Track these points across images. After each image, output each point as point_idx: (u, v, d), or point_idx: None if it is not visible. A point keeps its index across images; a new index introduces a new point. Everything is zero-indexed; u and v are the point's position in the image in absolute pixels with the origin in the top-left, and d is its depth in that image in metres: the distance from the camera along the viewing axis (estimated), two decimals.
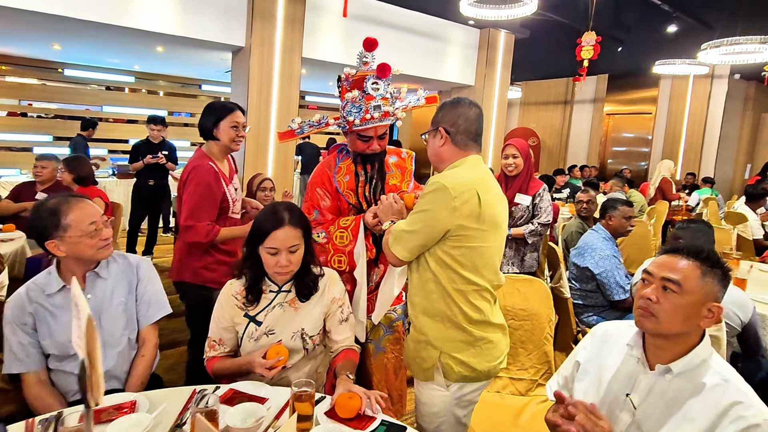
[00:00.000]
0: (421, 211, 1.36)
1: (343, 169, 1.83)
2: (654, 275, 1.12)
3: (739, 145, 9.08)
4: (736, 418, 0.99)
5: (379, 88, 1.71)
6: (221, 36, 4.54)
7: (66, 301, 1.45)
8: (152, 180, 4.45)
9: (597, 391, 1.20)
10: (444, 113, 1.46)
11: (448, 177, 1.36)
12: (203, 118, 2.00)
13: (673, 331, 1.09)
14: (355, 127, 1.71)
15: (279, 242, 1.39)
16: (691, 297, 1.07)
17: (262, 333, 1.47)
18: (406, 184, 1.89)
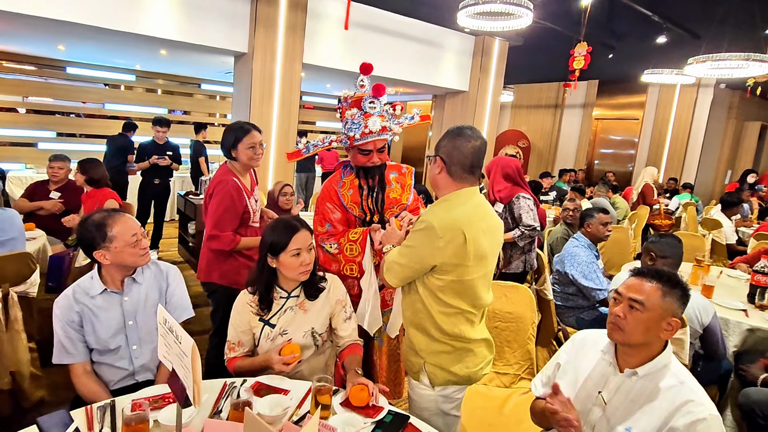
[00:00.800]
0: (410, 246, 1.49)
1: (347, 183, 2.02)
2: (623, 295, 1.34)
3: (721, 152, 9.41)
4: (686, 413, 1.20)
5: (375, 106, 1.90)
6: (224, 42, 4.67)
7: (106, 303, 1.65)
8: (157, 179, 4.62)
9: (573, 388, 1.43)
10: (445, 142, 1.54)
11: (437, 216, 1.46)
12: (224, 139, 2.22)
13: (637, 342, 1.31)
14: (356, 142, 1.90)
15: (301, 242, 1.61)
16: (651, 314, 1.28)
17: (277, 334, 1.67)
18: (406, 197, 2.07)
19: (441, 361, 1.54)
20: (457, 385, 1.58)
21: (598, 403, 1.37)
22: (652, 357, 1.31)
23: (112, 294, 1.66)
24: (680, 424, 1.20)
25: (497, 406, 2.07)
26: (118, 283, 1.68)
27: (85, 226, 1.61)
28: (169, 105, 7.97)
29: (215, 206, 2.13)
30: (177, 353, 1.14)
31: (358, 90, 1.95)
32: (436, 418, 1.60)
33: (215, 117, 8.53)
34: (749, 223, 5.93)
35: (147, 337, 1.70)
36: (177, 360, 1.15)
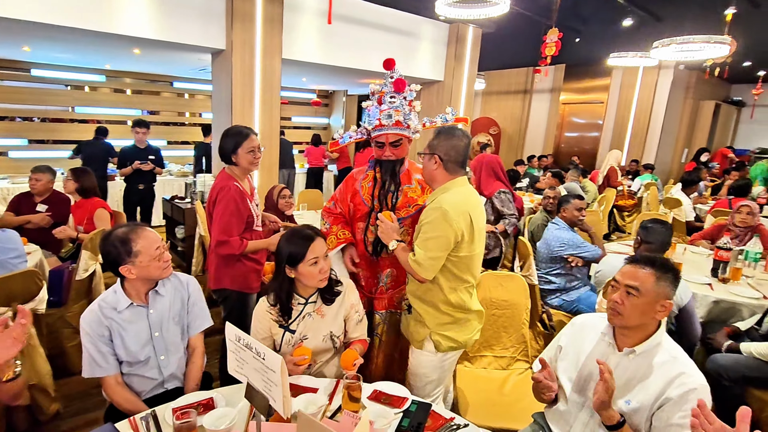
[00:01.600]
0: (433, 237, 1.71)
1: (369, 175, 2.15)
2: (620, 282, 1.51)
3: (679, 131, 9.92)
4: (680, 384, 1.37)
5: (395, 100, 1.98)
6: (201, 39, 4.59)
7: (133, 316, 1.72)
8: (142, 184, 4.57)
9: (575, 367, 1.60)
10: (440, 141, 1.79)
11: (446, 202, 1.71)
12: (223, 144, 2.24)
13: (634, 324, 1.48)
14: (372, 133, 2.02)
15: (318, 251, 1.69)
16: (646, 298, 1.45)
17: (297, 339, 1.77)
18: (423, 199, 2.07)
19: (445, 330, 1.84)
20: (457, 350, 1.88)
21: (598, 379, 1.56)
22: (648, 336, 1.48)
23: (138, 307, 1.73)
24: (674, 394, 1.37)
25: (497, 387, 2.26)
26: (143, 296, 1.75)
27: (108, 242, 1.65)
28: (139, 105, 7.75)
29: (221, 212, 2.17)
30: (257, 368, 1.21)
31: (386, 87, 2.03)
32: (430, 386, 1.91)
33: (184, 116, 8.31)
34: (704, 200, 6.37)
35: (172, 347, 1.79)
36: (256, 374, 1.22)
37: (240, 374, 1.30)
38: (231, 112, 4.82)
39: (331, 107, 10.60)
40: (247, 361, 1.25)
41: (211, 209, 2.24)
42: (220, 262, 2.26)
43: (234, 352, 1.29)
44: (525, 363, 2.40)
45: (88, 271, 2.73)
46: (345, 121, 10.32)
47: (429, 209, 1.76)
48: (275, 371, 1.16)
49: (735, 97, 11.55)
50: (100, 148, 5.20)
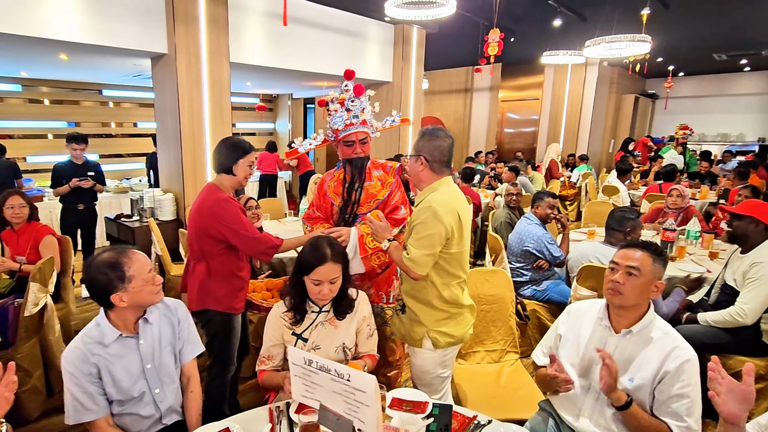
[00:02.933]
0: (426, 235, 1.77)
1: (335, 176, 2.32)
2: (620, 264, 1.61)
3: (606, 123, 10.72)
4: (675, 357, 1.48)
5: (356, 104, 2.18)
6: (139, 42, 4.28)
7: (122, 349, 1.57)
8: (81, 204, 4.17)
9: (577, 353, 1.67)
10: (424, 143, 1.86)
11: (435, 201, 1.78)
12: (224, 154, 2.11)
13: (632, 303, 1.57)
14: (340, 134, 2.17)
15: (322, 275, 1.64)
16: (645, 278, 1.55)
17: (310, 348, 1.73)
18: (383, 193, 2.25)
19: (441, 326, 1.88)
20: (455, 345, 1.93)
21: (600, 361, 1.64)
22: (642, 315, 1.59)
23: (127, 339, 1.58)
24: (671, 367, 1.48)
25: (493, 379, 2.31)
26: (131, 326, 1.60)
27: (96, 269, 1.49)
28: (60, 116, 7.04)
29: (232, 218, 2.04)
30: (337, 390, 1.15)
31: (344, 93, 2.19)
32: (435, 382, 1.94)
33: (110, 127, 7.66)
34: (635, 186, 6.95)
35: (167, 379, 1.66)
36: (335, 398, 1.16)
37: (310, 399, 1.24)
38: (179, 120, 4.55)
39: (275, 112, 10.33)
40: (322, 385, 1.19)
41: (206, 224, 2.06)
42: (205, 280, 2.12)
43: (301, 376, 1.22)
44: (515, 354, 2.47)
45: (38, 306, 2.44)
46: (291, 126, 10.10)
47: (420, 209, 1.81)
48: (366, 391, 1.11)
49: (649, 90, 12.69)
50: (3, 166, 4.68)
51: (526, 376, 2.30)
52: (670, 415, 1.47)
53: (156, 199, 4.64)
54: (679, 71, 11.60)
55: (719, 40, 8.18)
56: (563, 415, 1.71)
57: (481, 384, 2.26)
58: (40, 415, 2.54)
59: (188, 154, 4.63)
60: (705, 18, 6.79)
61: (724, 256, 3.34)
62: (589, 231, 3.92)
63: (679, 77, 12.19)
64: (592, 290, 2.63)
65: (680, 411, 1.45)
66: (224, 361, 2.21)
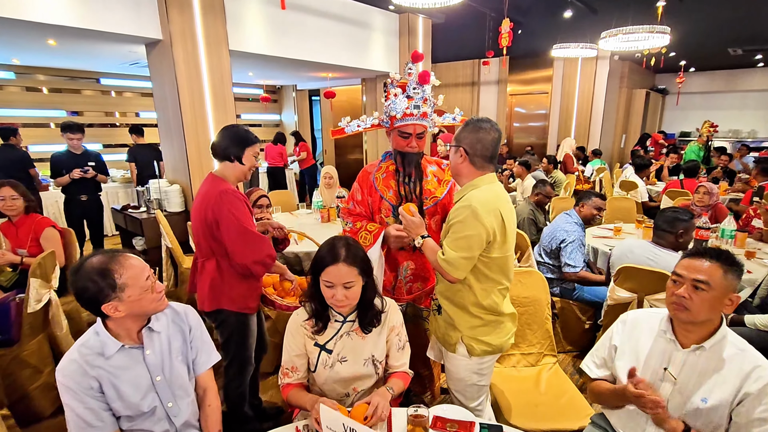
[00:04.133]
0: (464, 236, 1.58)
1: (383, 168, 2.07)
2: (685, 277, 1.41)
3: (617, 119, 10.53)
4: (757, 378, 1.31)
5: (419, 92, 1.94)
6: (131, 28, 4.04)
7: (126, 361, 1.39)
8: (84, 195, 3.99)
9: (636, 368, 1.49)
10: (466, 134, 1.68)
11: (475, 199, 1.59)
12: (229, 141, 1.93)
13: (702, 319, 1.39)
14: (396, 123, 1.92)
15: (333, 277, 1.46)
16: (716, 292, 1.36)
17: (335, 360, 1.54)
18: (440, 191, 2.06)
19: (476, 333, 1.71)
20: (492, 354, 1.75)
21: (666, 378, 1.45)
22: (714, 330, 1.41)
23: (132, 350, 1.40)
24: (753, 389, 1.31)
25: (532, 385, 2.15)
26: (135, 335, 1.41)
27: (82, 276, 1.29)
28: (60, 105, 6.83)
29: (236, 224, 1.84)
30: None
31: (406, 76, 1.96)
32: (469, 390, 1.78)
33: (113, 116, 7.46)
34: (652, 182, 6.77)
35: (180, 391, 1.47)
36: None
37: None
38: (180, 110, 4.33)
39: (280, 103, 10.10)
40: None
41: (209, 217, 1.87)
42: (215, 280, 1.93)
43: None
44: (552, 357, 2.31)
45: (42, 302, 2.27)
46: (297, 117, 9.88)
47: (458, 207, 1.62)
48: None
49: (659, 86, 12.48)
50: (14, 155, 4.47)
51: (567, 383, 2.13)
52: None
53: (162, 190, 4.45)
54: (690, 66, 11.39)
55: (735, 34, 7.97)
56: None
57: (520, 390, 2.09)
58: (54, 411, 2.41)
59: (192, 144, 4.43)
60: (721, 10, 6.57)
61: (761, 256, 3.17)
62: (615, 227, 3.74)
63: (690, 72, 11.99)
64: (631, 292, 2.46)
65: None
66: (242, 362, 2.06)
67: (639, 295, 2.44)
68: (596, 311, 3.02)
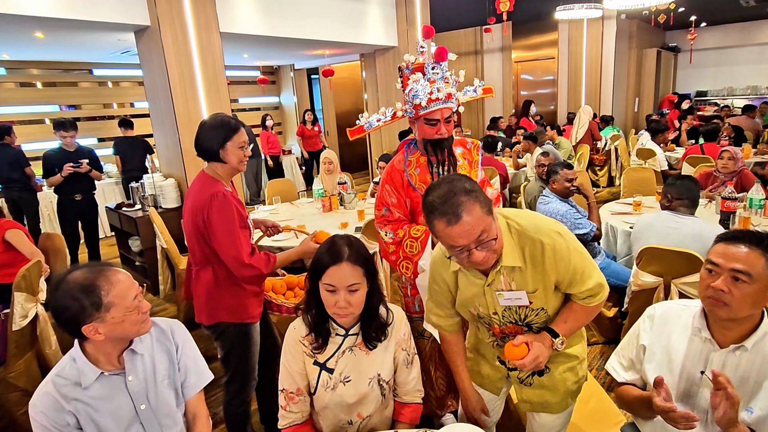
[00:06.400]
0: (582, 251, 1.36)
1: (413, 162, 1.89)
2: (721, 266, 1.21)
3: (628, 81, 10.08)
4: None
5: (438, 72, 1.79)
6: (119, 15, 3.86)
7: (106, 390, 1.26)
8: (79, 194, 3.86)
9: (669, 371, 1.32)
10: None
11: (536, 219, 1.37)
12: (204, 138, 1.76)
13: (744, 315, 1.21)
14: (422, 110, 1.77)
15: (336, 279, 1.30)
16: (759, 284, 1.17)
17: (338, 381, 1.39)
18: (474, 174, 1.92)
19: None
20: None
21: (704, 384, 1.28)
22: (754, 327, 1.23)
23: (112, 377, 1.27)
24: None
25: None
26: (115, 360, 1.28)
27: (64, 292, 1.16)
28: (55, 100, 6.66)
29: (223, 227, 1.71)
30: None
31: (419, 56, 1.82)
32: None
33: (112, 108, 7.28)
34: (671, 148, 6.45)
35: (168, 420, 1.34)
36: None
37: None
38: (171, 98, 4.15)
39: (279, 84, 9.82)
40: None
41: (201, 224, 1.75)
42: (213, 290, 1.80)
43: None
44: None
45: (28, 318, 2.15)
46: (297, 99, 9.61)
47: (541, 241, 1.32)
48: None
49: (671, 44, 11.91)
50: (8, 154, 4.32)
51: (594, 385, 1.97)
52: None
53: (157, 185, 4.31)
54: (701, 21, 10.79)
55: None
56: None
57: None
58: None
59: (186, 135, 4.25)
60: None
61: None
62: (635, 202, 3.52)
63: (702, 28, 11.37)
64: (657, 275, 2.28)
65: None
66: (244, 377, 1.92)
67: (665, 278, 2.26)
68: (620, 297, 2.84)
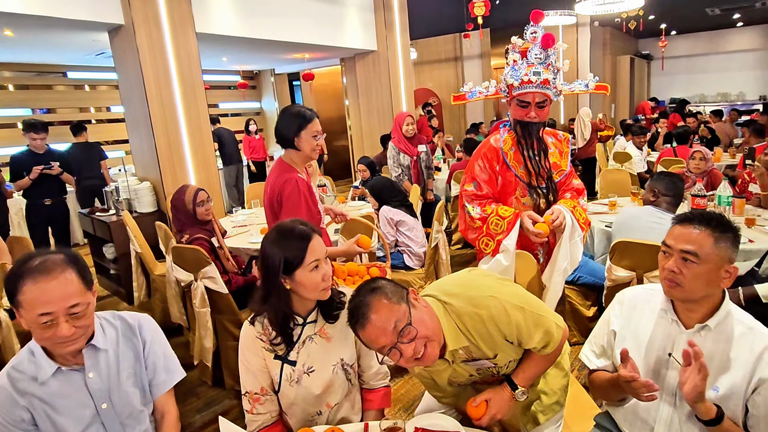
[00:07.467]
0: None
1: (509, 141, 1.93)
2: (672, 248, 1.24)
3: None
4: None
5: (541, 57, 1.80)
6: (91, 13, 3.77)
7: (64, 387, 1.21)
8: (48, 198, 3.73)
9: (638, 354, 1.33)
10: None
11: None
12: (282, 126, 1.95)
13: (699, 296, 1.23)
14: (514, 91, 1.82)
15: (318, 252, 1.31)
16: (708, 264, 1.19)
17: (301, 373, 1.36)
18: (565, 163, 1.97)
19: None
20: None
21: (672, 366, 1.30)
22: (716, 306, 1.25)
23: (71, 372, 1.21)
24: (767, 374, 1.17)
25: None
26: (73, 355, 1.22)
27: (11, 267, 1.14)
28: (29, 103, 6.48)
29: (289, 210, 1.87)
30: None
31: (529, 41, 1.86)
32: None
33: (89, 112, 7.13)
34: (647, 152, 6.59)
35: (131, 420, 1.29)
36: None
37: None
38: (146, 100, 4.06)
39: (259, 90, 9.76)
40: None
41: (275, 204, 1.94)
42: None
43: None
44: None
45: None
46: (278, 104, 9.55)
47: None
48: None
49: (643, 51, 12.28)
50: None
51: (575, 385, 1.96)
52: None
53: (132, 189, 4.21)
54: (671, 29, 11.16)
55: None
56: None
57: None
58: None
59: (162, 138, 4.17)
60: None
61: (761, 223, 3.03)
62: (611, 202, 3.59)
63: (673, 36, 11.76)
64: (630, 270, 2.31)
65: None
66: None
67: (638, 273, 2.29)
68: (598, 294, 2.87)
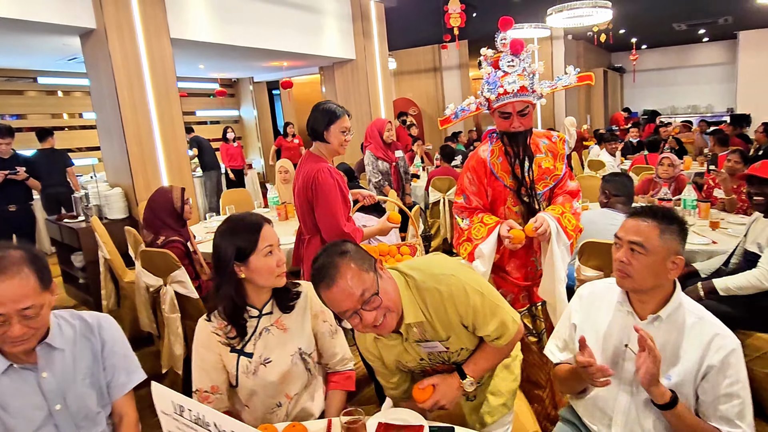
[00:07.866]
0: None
1: (495, 151, 1.91)
2: (622, 239, 1.29)
3: (579, 99, 10.61)
4: (718, 348, 1.20)
5: (514, 65, 1.78)
6: (61, 17, 3.70)
7: (16, 385, 1.16)
8: (13, 205, 3.62)
9: (597, 346, 1.35)
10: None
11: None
12: (313, 120, 2.06)
13: (648, 287, 1.27)
14: (493, 104, 1.81)
15: (271, 237, 1.34)
16: (655, 255, 1.23)
17: (258, 364, 1.36)
18: (560, 167, 1.93)
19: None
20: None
21: (628, 357, 1.32)
22: (668, 297, 1.29)
23: (23, 371, 1.17)
24: (715, 360, 1.20)
25: None
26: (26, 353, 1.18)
27: None
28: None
29: (323, 198, 1.97)
30: None
31: (501, 48, 1.83)
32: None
33: (62, 118, 6.99)
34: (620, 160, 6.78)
35: (85, 422, 1.24)
36: None
37: None
38: (118, 106, 3.99)
39: (238, 98, 9.71)
40: None
41: (310, 196, 2.02)
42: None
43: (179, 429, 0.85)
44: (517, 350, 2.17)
45: None
46: (257, 112, 9.51)
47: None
48: None
49: (616, 64, 12.67)
50: None
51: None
52: (720, 420, 1.20)
53: (102, 195, 4.11)
54: (642, 44, 11.57)
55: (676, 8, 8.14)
56: (591, 425, 1.41)
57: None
58: None
59: (134, 144, 4.09)
60: None
61: (725, 225, 3.13)
62: (583, 206, 3.66)
63: (643, 50, 12.19)
64: (598, 270, 2.35)
65: (731, 414, 1.19)
66: None
67: (605, 272, 2.33)
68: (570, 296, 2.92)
